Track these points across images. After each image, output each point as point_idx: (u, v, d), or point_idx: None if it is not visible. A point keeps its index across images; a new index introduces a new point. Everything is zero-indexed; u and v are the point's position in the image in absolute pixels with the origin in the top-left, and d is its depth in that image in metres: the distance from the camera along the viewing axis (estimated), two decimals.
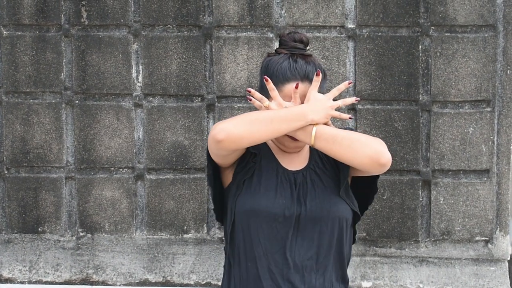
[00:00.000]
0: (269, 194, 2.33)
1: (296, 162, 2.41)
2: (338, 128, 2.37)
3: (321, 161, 2.42)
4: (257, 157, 2.39)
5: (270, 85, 2.31)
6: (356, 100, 2.32)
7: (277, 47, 2.43)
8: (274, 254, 2.31)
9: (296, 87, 2.27)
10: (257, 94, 2.31)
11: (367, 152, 2.26)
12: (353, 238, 2.46)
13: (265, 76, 2.30)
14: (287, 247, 2.31)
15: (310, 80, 2.30)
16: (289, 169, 2.39)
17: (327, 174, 2.40)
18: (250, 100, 2.31)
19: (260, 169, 2.38)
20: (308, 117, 2.26)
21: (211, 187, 2.44)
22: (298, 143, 2.36)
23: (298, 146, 2.38)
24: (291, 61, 2.32)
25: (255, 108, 2.37)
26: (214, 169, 2.41)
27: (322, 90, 2.37)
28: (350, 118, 2.31)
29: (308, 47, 2.42)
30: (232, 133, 2.24)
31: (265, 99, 2.29)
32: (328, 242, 2.34)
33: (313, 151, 2.45)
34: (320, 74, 2.29)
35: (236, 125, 2.26)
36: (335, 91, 2.31)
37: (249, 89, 2.33)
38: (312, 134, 2.27)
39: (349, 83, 2.31)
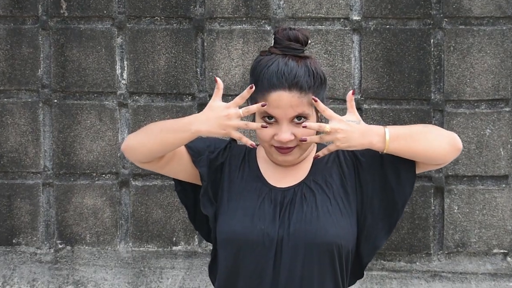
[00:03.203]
0: (246, 218, 2.19)
1: (290, 177, 2.26)
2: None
3: (329, 175, 2.27)
4: (224, 169, 2.27)
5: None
6: (262, 106, 2.14)
7: (272, 44, 2.30)
8: None
9: (263, 105, 2.14)
10: (314, 125, 2.15)
11: (445, 140, 2.19)
12: (360, 271, 2.29)
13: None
14: (266, 282, 2.18)
15: (300, 89, 2.16)
16: (278, 186, 2.25)
17: (333, 191, 2.25)
18: (305, 127, 2.17)
19: (241, 187, 2.25)
20: (192, 127, 2.13)
21: (184, 205, 2.36)
22: (287, 156, 2.21)
23: (286, 161, 2.23)
24: (281, 64, 2.17)
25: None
26: (182, 184, 2.32)
27: (320, 98, 2.21)
28: (263, 127, 2.14)
29: (306, 47, 2.28)
30: (128, 144, 2.22)
31: (325, 125, 2.15)
32: (317, 276, 2.18)
33: (319, 163, 2.28)
34: (266, 105, 2.14)
35: (135, 135, 2.22)
36: (237, 100, 2.14)
37: (306, 124, 2.14)
38: (386, 137, 2.16)
39: (251, 87, 2.16)
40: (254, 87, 2.13)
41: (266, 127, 2.13)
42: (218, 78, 2.17)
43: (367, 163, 2.26)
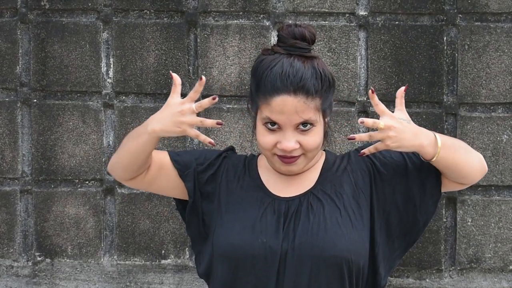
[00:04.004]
0: (245, 231, 2.17)
1: (295, 186, 2.24)
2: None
3: (340, 185, 2.23)
4: (217, 179, 2.28)
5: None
6: (213, 99, 2.12)
7: (275, 43, 2.29)
8: None
9: (213, 99, 2.14)
10: (368, 120, 2.12)
11: (477, 158, 2.21)
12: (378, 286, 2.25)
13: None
14: None
15: (306, 93, 2.14)
16: (282, 195, 2.22)
17: (343, 201, 2.21)
18: (362, 122, 2.14)
19: (241, 197, 2.23)
20: (148, 128, 2.15)
21: (185, 223, 2.35)
22: (291, 166, 2.20)
23: (291, 171, 2.22)
24: (285, 65, 2.16)
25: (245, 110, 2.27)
26: (182, 203, 2.34)
27: (328, 103, 2.21)
28: (218, 124, 2.13)
29: (313, 45, 2.24)
30: (110, 163, 2.28)
31: (379, 121, 2.12)
32: None
33: (329, 172, 2.25)
34: (216, 98, 2.14)
35: (115, 152, 2.27)
36: (191, 94, 2.15)
37: (362, 119, 2.13)
38: (438, 143, 2.15)
39: (214, 99, 2.13)
40: (204, 79, 2.14)
41: (221, 124, 2.13)
42: (174, 74, 2.19)
43: (389, 175, 2.22)
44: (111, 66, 3.62)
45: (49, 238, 3.67)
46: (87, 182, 3.66)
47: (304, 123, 2.14)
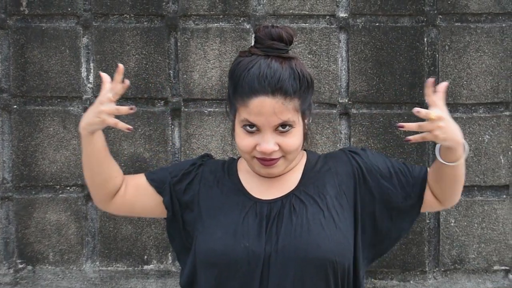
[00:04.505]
0: (227, 236, 2.15)
1: (276, 189, 2.22)
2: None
3: (322, 185, 2.21)
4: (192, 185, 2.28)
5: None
6: (131, 109, 2.14)
7: (252, 44, 2.28)
8: None
9: (131, 109, 2.19)
10: (423, 111, 2.08)
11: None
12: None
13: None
14: None
15: (284, 94, 2.13)
16: (263, 198, 2.20)
17: (326, 202, 2.19)
18: (402, 127, 2.12)
19: (221, 202, 2.21)
20: (79, 128, 2.20)
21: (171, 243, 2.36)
22: (271, 169, 2.18)
23: (271, 174, 2.20)
24: (263, 66, 2.14)
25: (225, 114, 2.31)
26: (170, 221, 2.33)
27: (307, 104, 2.21)
28: (131, 109, 2.16)
29: (290, 46, 2.22)
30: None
31: (430, 111, 2.10)
32: None
33: (311, 172, 2.23)
34: (134, 109, 2.17)
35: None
36: (107, 84, 2.18)
37: (417, 109, 2.09)
38: (466, 148, 2.17)
39: (131, 109, 2.15)
40: (121, 67, 2.15)
41: (133, 109, 2.14)
42: (102, 73, 2.21)
43: (373, 184, 2.23)
44: (92, 71, 3.61)
45: (30, 245, 3.66)
46: (68, 188, 3.65)
47: (283, 125, 2.12)
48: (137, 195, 2.27)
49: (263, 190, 2.21)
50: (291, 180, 2.23)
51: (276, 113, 2.11)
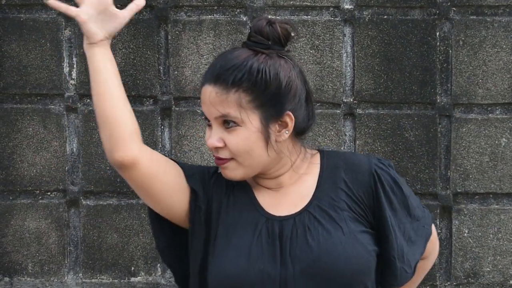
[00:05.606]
0: (240, 259, 2.12)
1: (287, 202, 2.18)
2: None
3: (336, 196, 2.17)
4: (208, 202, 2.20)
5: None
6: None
7: None
8: None
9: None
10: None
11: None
12: None
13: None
14: None
15: (223, 83, 2.10)
16: (275, 213, 2.16)
17: (344, 216, 2.15)
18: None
19: (235, 219, 2.17)
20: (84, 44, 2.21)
21: (168, 266, 2.28)
22: (224, 171, 2.14)
23: (226, 175, 2.16)
24: (225, 55, 2.18)
25: None
26: (167, 239, 2.29)
27: (266, 108, 2.13)
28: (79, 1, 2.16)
29: (288, 42, 2.18)
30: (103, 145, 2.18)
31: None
32: None
33: (326, 183, 2.17)
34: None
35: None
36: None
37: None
38: None
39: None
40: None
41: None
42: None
43: (377, 215, 2.23)
44: (74, 66, 3.64)
45: (7, 254, 3.68)
46: (49, 193, 3.67)
47: (227, 121, 2.09)
48: (164, 167, 2.15)
49: (273, 205, 2.18)
50: (304, 192, 2.19)
51: (212, 103, 2.08)
